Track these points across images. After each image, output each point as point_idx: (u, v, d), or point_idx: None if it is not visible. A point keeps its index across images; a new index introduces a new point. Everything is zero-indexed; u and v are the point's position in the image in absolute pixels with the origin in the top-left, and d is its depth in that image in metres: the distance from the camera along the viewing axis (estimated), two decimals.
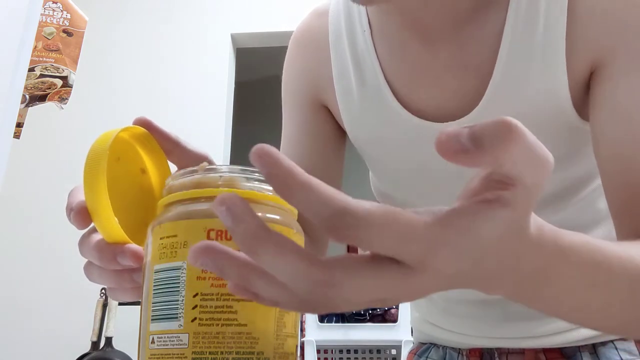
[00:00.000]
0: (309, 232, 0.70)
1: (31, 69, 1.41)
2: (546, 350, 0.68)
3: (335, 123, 0.71)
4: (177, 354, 0.32)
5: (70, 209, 0.38)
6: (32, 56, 1.21)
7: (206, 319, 0.32)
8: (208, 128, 2.60)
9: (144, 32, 2.77)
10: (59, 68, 1.49)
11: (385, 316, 2.20)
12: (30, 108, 1.51)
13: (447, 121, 0.59)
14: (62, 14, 1.52)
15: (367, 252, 0.26)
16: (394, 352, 2.12)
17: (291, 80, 0.73)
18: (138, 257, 0.37)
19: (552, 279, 0.33)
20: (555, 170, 0.62)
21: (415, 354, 0.82)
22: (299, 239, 0.37)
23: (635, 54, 0.52)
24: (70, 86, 1.53)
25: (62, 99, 1.54)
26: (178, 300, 0.33)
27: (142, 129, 0.42)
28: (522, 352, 0.69)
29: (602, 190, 0.55)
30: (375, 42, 0.64)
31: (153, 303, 0.34)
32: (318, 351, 2.09)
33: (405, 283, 0.25)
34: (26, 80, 1.25)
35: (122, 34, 2.75)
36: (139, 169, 0.43)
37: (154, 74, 2.70)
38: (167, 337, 0.33)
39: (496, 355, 0.71)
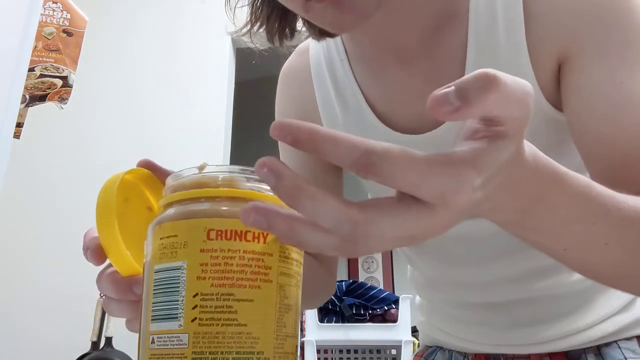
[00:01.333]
0: (320, 257, 0.72)
1: (31, 69, 1.41)
2: (552, 355, 0.69)
3: None
4: (177, 354, 0.32)
5: (86, 248, 0.41)
6: (32, 56, 1.21)
7: (206, 319, 0.32)
8: (208, 128, 2.60)
9: (144, 32, 2.77)
10: (59, 68, 1.49)
11: (385, 316, 2.20)
12: (30, 108, 1.51)
13: (429, 131, 0.62)
14: (62, 14, 1.52)
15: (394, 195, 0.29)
16: (394, 352, 2.12)
17: (282, 116, 0.77)
18: None
19: (550, 205, 0.36)
20: None
21: (421, 357, 0.82)
22: None
23: (601, 41, 0.53)
24: (70, 86, 1.53)
25: (62, 99, 1.54)
26: (178, 300, 0.33)
27: (146, 170, 0.45)
28: (527, 357, 0.70)
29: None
30: (353, 69, 0.68)
31: (153, 303, 0.34)
32: (318, 351, 2.09)
33: (429, 219, 0.28)
34: (26, 80, 1.25)
35: (121, 34, 2.75)
36: (146, 207, 0.45)
37: (153, 74, 2.70)
38: (167, 337, 0.33)
39: None
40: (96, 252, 0.40)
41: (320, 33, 0.61)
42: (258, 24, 0.64)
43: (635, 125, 0.51)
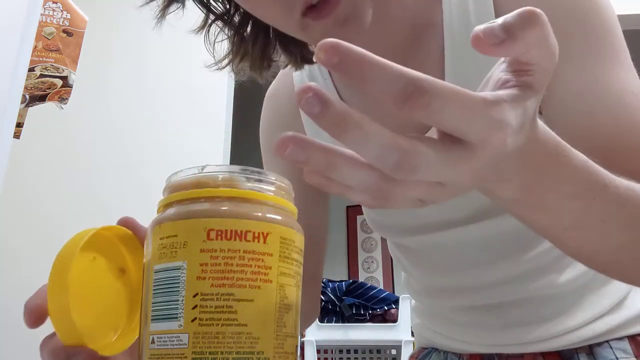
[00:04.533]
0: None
1: (31, 69, 1.41)
2: (545, 354, 0.69)
3: None
4: (177, 354, 0.32)
5: (25, 306, 0.37)
6: (32, 56, 1.21)
7: (206, 319, 0.32)
8: (208, 128, 2.60)
9: (144, 31, 2.77)
10: (59, 68, 1.49)
11: (385, 316, 2.20)
12: (30, 108, 1.51)
13: None
14: (62, 14, 1.52)
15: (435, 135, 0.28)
16: (394, 352, 2.12)
17: (268, 138, 0.78)
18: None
19: (553, 180, 0.37)
20: None
21: (416, 358, 0.83)
22: (300, 238, 0.37)
23: (572, 42, 0.54)
24: (70, 86, 1.53)
25: (62, 99, 1.54)
26: (178, 301, 0.33)
27: (125, 229, 0.41)
28: (521, 356, 0.70)
29: None
30: (336, 85, 0.69)
31: (153, 303, 0.34)
32: (318, 351, 2.09)
33: (468, 161, 0.28)
34: (26, 80, 1.25)
35: (121, 34, 2.75)
36: (118, 268, 0.41)
37: (153, 74, 2.69)
38: (167, 337, 0.33)
39: None
40: (32, 312, 0.36)
41: (302, 61, 0.63)
42: (239, 57, 0.65)
43: (612, 119, 0.52)
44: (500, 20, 0.27)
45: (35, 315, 0.37)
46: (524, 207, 0.39)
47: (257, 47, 0.63)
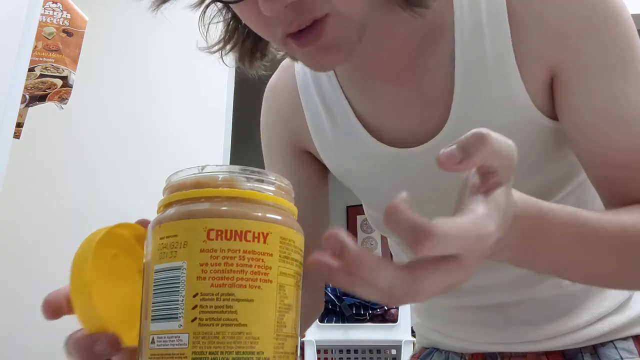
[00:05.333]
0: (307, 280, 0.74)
1: (31, 69, 1.41)
2: (548, 353, 0.69)
3: (318, 165, 0.74)
4: (177, 354, 0.32)
5: (45, 298, 0.39)
6: (32, 56, 1.21)
7: (206, 319, 0.32)
8: (208, 127, 2.60)
9: (144, 31, 2.77)
10: (59, 68, 1.49)
11: (385, 316, 2.20)
12: (30, 108, 1.51)
13: (419, 145, 0.62)
14: (62, 14, 1.52)
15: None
16: (394, 352, 2.12)
17: (269, 133, 0.77)
18: (114, 344, 0.37)
19: (543, 240, 0.43)
20: (535, 172, 0.64)
21: (417, 358, 0.82)
22: (300, 238, 0.37)
23: (591, 57, 0.54)
24: (70, 86, 1.53)
25: (62, 99, 1.54)
26: (178, 300, 0.33)
27: (144, 229, 0.40)
28: (524, 355, 0.70)
29: (585, 187, 0.63)
30: (341, 84, 0.67)
31: (153, 303, 0.34)
32: (318, 351, 2.09)
33: (464, 270, 0.33)
34: (26, 80, 1.25)
35: (121, 34, 2.75)
36: (137, 270, 0.41)
37: (153, 74, 2.69)
38: (167, 337, 0.33)
39: (499, 359, 0.71)
40: (50, 304, 0.38)
41: None
42: (230, 44, 0.63)
43: (629, 138, 0.53)
44: (457, 143, 0.34)
45: (52, 307, 0.39)
46: (522, 263, 0.46)
47: (251, 36, 0.62)
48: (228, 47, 0.64)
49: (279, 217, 0.35)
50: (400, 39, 0.60)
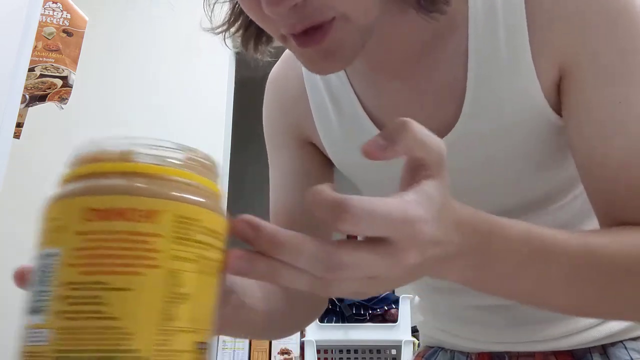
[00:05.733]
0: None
1: (31, 69, 1.41)
2: (556, 353, 0.68)
3: (322, 157, 0.73)
4: (40, 352, 0.28)
5: (18, 268, 0.39)
6: (32, 56, 1.21)
7: (72, 312, 0.28)
8: (208, 126, 2.60)
9: (144, 30, 2.77)
10: (59, 68, 1.49)
11: (385, 316, 2.20)
12: (30, 108, 1.51)
13: None
14: (62, 14, 1.52)
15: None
16: (394, 352, 2.12)
17: (273, 124, 0.75)
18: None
19: (494, 256, 0.40)
20: (543, 170, 0.62)
21: (422, 357, 0.81)
22: (215, 218, 0.33)
23: (600, 59, 0.53)
24: (70, 86, 1.53)
25: (62, 99, 1.54)
26: (47, 291, 0.29)
27: None
28: (532, 355, 0.69)
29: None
30: (349, 76, 0.65)
31: (30, 294, 0.31)
32: (318, 351, 2.09)
33: (394, 256, 0.33)
34: (26, 80, 1.25)
35: (121, 33, 2.75)
36: None
37: (153, 73, 2.69)
38: (35, 332, 0.29)
39: (506, 358, 0.71)
40: (24, 270, 0.37)
41: None
42: (236, 26, 0.61)
43: (629, 146, 0.51)
44: (380, 132, 0.34)
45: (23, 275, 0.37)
46: (481, 283, 0.43)
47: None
48: (233, 29, 0.62)
49: (175, 193, 0.30)
50: (411, 37, 0.58)
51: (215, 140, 2.58)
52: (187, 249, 0.30)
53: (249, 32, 0.61)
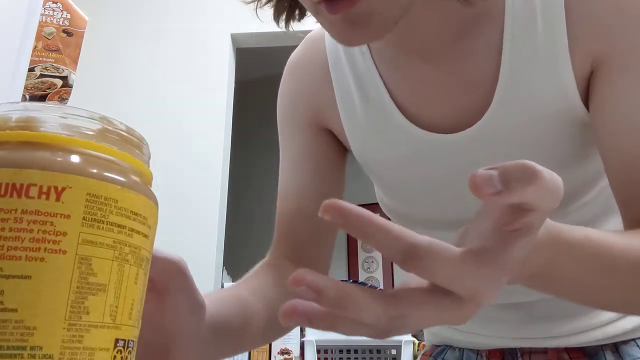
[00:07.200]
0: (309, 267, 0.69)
1: (31, 69, 1.41)
2: (569, 350, 0.68)
3: (337, 145, 0.71)
4: None
5: None
6: (32, 56, 1.21)
7: None
8: (208, 127, 2.60)
9: (144, 31, 2.77)
10: (59, 68, 1.49)
11: None
12: None
13: (456, 132, 0.59)
14: (62, 14, 1.52)
15: (425, 284, 0.30)
16: (394, 352, 2.12)
17: (290, 107, 0.73)
18: None
19: (557, 272, 0.40)
20: (572, 165, 0.61)
21: (429, 356, 0.81)
22: (138, 199, 0.29)
23: (633, 54, 0.52)
24: (70, 86, 1.53)
25: (62, 99, 1.54)
26: None
27: None
28: (544, 351, 0.69)
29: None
30: (376, 62, 0.64)
31: None
32: (318, 351, 2.09)
33: (457, 312, 0.30)
34: (26, 80, 1.25)
35: (121, 34, 2.75)
36: None
37: (154, 74, 2.70)
38: None
39: (519, 354, 0.70)
40: None
41: None
42: None
43: None
44: (499, 169, 0.28)
45: None
46: (534, 289, 0.43)
47: None
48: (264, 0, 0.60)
49: (88, 168, 0.27)
50: (448, 21, 0.57)
51: (215, 140, 2.58)
52: (101, 232, 0.26)
53: (280, 5, 0.60)
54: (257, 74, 3.50)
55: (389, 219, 0.71)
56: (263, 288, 0.60)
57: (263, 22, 0.66)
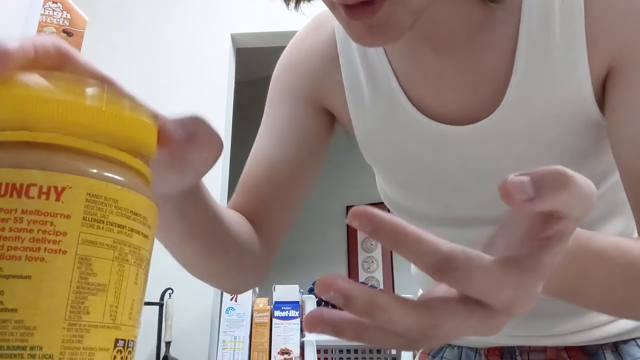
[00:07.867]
0: (262, 231, 0.66)
1: None
2: (568, 348, 0.68)
3: (327, 124, 0.70)
4: None
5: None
6: None
7: None
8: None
9: (144, 31, 2.77)
10: None
11: None
12: None
13: (466, 124, 0.59)
14: (62, 14, 1.52)
15: (455, 293, 0.29)
16: (393, 352, 2.12)
17: (289, 78, 0.71)
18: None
19: (587, 282, 0.39)
20: (580, 165, 0.61)
21: (428, 355, 0.80)
22: (139, 199, 0.29)
23: None
24: None
25: None
26: None
27: None
28: (543, 350, 0.69)
29: (620, 184, 0.57)
30: (386, 50, 0.63)
31: None
32: (318, 351, 2.09)
33: (490, 322, 0.29)
34: None
35: (121, 34, 2.75)
36: None
37: (153, 74, 2.70)
38: None
39: (517, 353, 0.70)
40: None
41: None
42: None
43: None
44: (532, 175, 0.26)
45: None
46: (561, 298, 0.42)
47: None
48: None
49: (89, 168, 0.27)
50: (464, 15, 0.57)
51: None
52: (101, 233, 0.26)
53: None
54: (257, 74, 3.51)
55: (389, 212, 0.71)
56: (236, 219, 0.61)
57: (263, 23, 0.64)
